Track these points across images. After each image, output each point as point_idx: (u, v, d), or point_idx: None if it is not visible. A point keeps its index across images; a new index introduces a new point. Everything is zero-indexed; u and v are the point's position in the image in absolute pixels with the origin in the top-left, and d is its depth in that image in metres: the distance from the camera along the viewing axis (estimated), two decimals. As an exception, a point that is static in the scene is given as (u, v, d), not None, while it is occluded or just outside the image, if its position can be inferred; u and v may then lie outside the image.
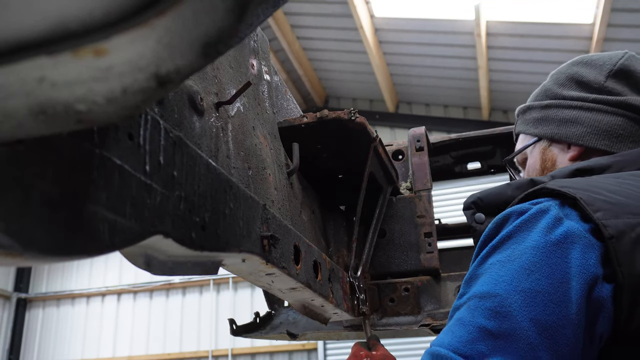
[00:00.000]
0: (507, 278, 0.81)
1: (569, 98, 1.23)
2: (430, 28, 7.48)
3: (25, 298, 9.92)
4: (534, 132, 1.28)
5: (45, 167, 0.47)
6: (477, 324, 0.79)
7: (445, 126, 8.80)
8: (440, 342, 0.81)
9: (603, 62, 1.23)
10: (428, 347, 0.84)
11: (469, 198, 1.14)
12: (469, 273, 0.89)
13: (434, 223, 1.91)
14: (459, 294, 0.89)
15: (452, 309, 0.87)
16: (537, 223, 0.85)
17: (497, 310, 0.78)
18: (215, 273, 0.87)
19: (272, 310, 2.07)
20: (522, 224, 0.86)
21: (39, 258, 0.46)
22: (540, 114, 1.28)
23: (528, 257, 0.81)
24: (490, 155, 2.22)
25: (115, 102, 0.39)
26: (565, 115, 1.22)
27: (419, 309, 1.82)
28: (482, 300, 0.81)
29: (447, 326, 0.84)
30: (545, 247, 0.81)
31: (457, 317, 0.83)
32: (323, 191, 1.73)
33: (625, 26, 6.40)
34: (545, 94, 1.30)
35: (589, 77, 1.22)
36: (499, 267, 0.83)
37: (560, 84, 1.27)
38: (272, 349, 8.56)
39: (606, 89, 1.19)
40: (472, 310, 0.81)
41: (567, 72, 1.27)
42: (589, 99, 1.20)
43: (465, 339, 0.78)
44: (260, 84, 1.33)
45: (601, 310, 0.78)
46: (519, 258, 0.82)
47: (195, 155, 0.78)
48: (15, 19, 0.32)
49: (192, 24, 0.35)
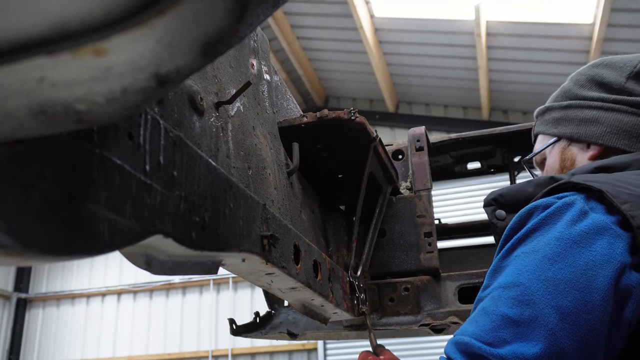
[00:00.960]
0: (530, 268, 0.83)
1: (589, 98, 1.24)
2: (430, 28, 7.48)
3: (25, 298, 9.92)
4: (554, 132, 1.29)
5: (45, 167, 0.47)
6: (500, 313, 0.81)
7: (445, 126, 8.79)
8: (464, 331, 0.84)
9: (624, 63, 1.24)
10: (451, 337, 0.86)
11: (489, 195, 1.16)
12: (492, 265, 0.91)
13: (434, 223, 1.91)
14: (482, 286, 0.90)
15: (476, 301, 0.89)
16: (562, 216, 0.87)
17: (519, 299, 0.80)
18: (215, 273, 0.87)
19: (272, 310, 2.07)
20: (547, 217, 0.88)
21: (39, 258, 0.46)
22: (560, 114, 1.29)
23: (552, 247, 0.83)
24: (490, 155, 2.22)
25: (115, 102, 0.39)
26: (585, 115, 1.23)
27: (418, 309, 1.82)
28: (505, 290, 0.83)
29: (470, 317, 0.86)
30: (569, 238, 0.83)
31: (481, 308, 0.85)
32: (323, 191, 1.73)
33: (625, 26, 6.39)
34: (565, 95, 1.31)
35: (610, 78, 1.23)
36: (523, 258, 0.86)
37: (581, 85, 1.28)
38: (272, 349, 8.56)
39: (626, 89, 1.20)
40: (496, 300, 0.83)
41: (587, 74, 1.28)
42: (609, 100, 1.20)
43: (488, 327, 0.81)
44: (260, 84, 1.33)
45: (630, 297, 0.80)
46: (542, 249, 0.84)
47: (195, 155, 0.78)
48: (15, 19, 0.32)
49: (192, 23, 0.35)
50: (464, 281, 1.83)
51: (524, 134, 2.02)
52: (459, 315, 1.77)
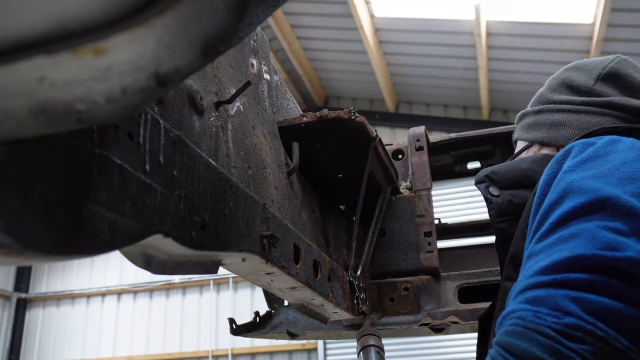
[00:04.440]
0: (610, 184, 0.74)
1: (559, 102, 1.26)
2: (431, 28, 7.48)
3: (25, 298, 9.91)
4: (527, 138, 1.31)
5: (45, 167, 0.47)
6: (596, 229, 0.70)
7: (445, 126, 8.79)
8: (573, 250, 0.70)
9: (594, 66, 1.26)
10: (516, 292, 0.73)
11: (480, 172, 1.16)
12: (545, 205, 0.81)
13: (433, 222, 1.91)
14: (536, 230, 0.80)
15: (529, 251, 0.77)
16: (616, 146, 0.83)
17: (616, 215, 0.71)
18: (215, 272, 0.87)
19: (272, 309, 2.07)
20: (598, 149, 0.83)
21: (39, 258, 0.46)
22: (532, 119, 1.31)
23: (623, 170, 0.77)
24: (490, 155, 2.22)
25: (115, 102, 0.39)
26: (555, 119, 1.24)
27: (418, 309, 1.82)
28: (590, 217, 0.72)
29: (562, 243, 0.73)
30: (637, 159, 0.79)
31: (571, 233, 0.72)
32: (323, 191, 1.73)
33: (625, 26, 6.39)
34: (538, 99, 1.33)
35: (579, 81, 1.25)
36: (591, 179, 0.76)
37: (552, 89, 1.30)
38: (272, 349, 8.56)
39: (594, 91, 1.21)
40: (585, 223, 0.72)
41: (559, 78, 1.31)
42: (576, 102, 1.22)
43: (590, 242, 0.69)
44: (260, 84, 1.33)
45: None
46: (611, 173, 0.77)
47: (195, 155, 0.78)
48: (15, 19, 0.32)
49: (192, 23, 0.35)
50: (464, 281, 1.83)
51: (524, 133, 2.02)
52: (458, 315, 1.77)
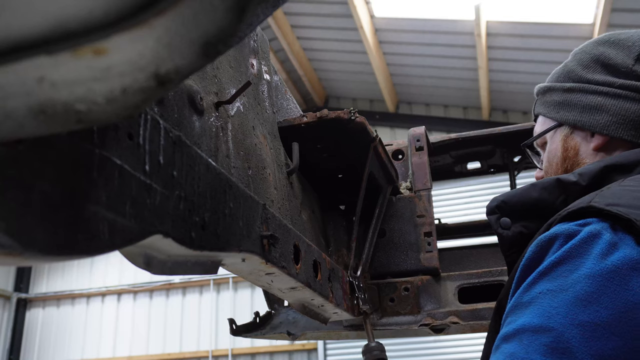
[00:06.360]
0: (561, 310, 0.75)
1: (594, 82, 1.14)
2: (430, 28, 7.48)
3: (25, 298, 9.91)
4: (555, 117, 1.20)
5: (45, 167, 0.47)
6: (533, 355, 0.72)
7: (445, 126, 8.80)
8: None
9: (632, 42, 1.12)
10: None
11: (491, 202, 1.06)
12: (514, 299, 0.83)
13: (433, 223, 1.91)
14: (504, 320, 0.82)
15: (499, 338, 0.80)
16: (590, 249, 0.78)
17: (554, 347, 0.72)
18: (215, 273, 0.87)
19: (272, 310, 2.07)
20: (572, 250, 0.79)
21: (39, 258, 0.46)
22: (562, 97, 1.19)
23: (583, 286, 0.75)
24: (490, 155, 2.22)
25: (115, 102, 0.39)
26: (590, 102, 1.13)
27: (418, 309, 1.82)
28: (536, 335, 0.74)
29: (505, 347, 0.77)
30: (601, 276, 0.75)
31: (509, 352, 0.76)
32: (323, 191, 1.73)
33: (625, 26, 6.39)
34: (567, 75, 1.20)
35: (616, 60, 1.12)
36: (550, 297, 0.77)
37: (585, 65, 1.17)
38: (272, 349, 8.56)
39: (635, 73, 1.09)
40: (526, 346, 0.74)
41: (592, 53, 1.17)
42: (615, 84, 1.10)
43: None
44: (260, 84, 1.33)
45: None
46: (572, 287, 0.76)
47: (195, 155, 0.78)
48: (15, 19, 0.32)
49: (191, 23, 0.35)
50: (464, 281, 1.83)
51: (524, 134, 2.02)
52: (458, 315, 1.77)
